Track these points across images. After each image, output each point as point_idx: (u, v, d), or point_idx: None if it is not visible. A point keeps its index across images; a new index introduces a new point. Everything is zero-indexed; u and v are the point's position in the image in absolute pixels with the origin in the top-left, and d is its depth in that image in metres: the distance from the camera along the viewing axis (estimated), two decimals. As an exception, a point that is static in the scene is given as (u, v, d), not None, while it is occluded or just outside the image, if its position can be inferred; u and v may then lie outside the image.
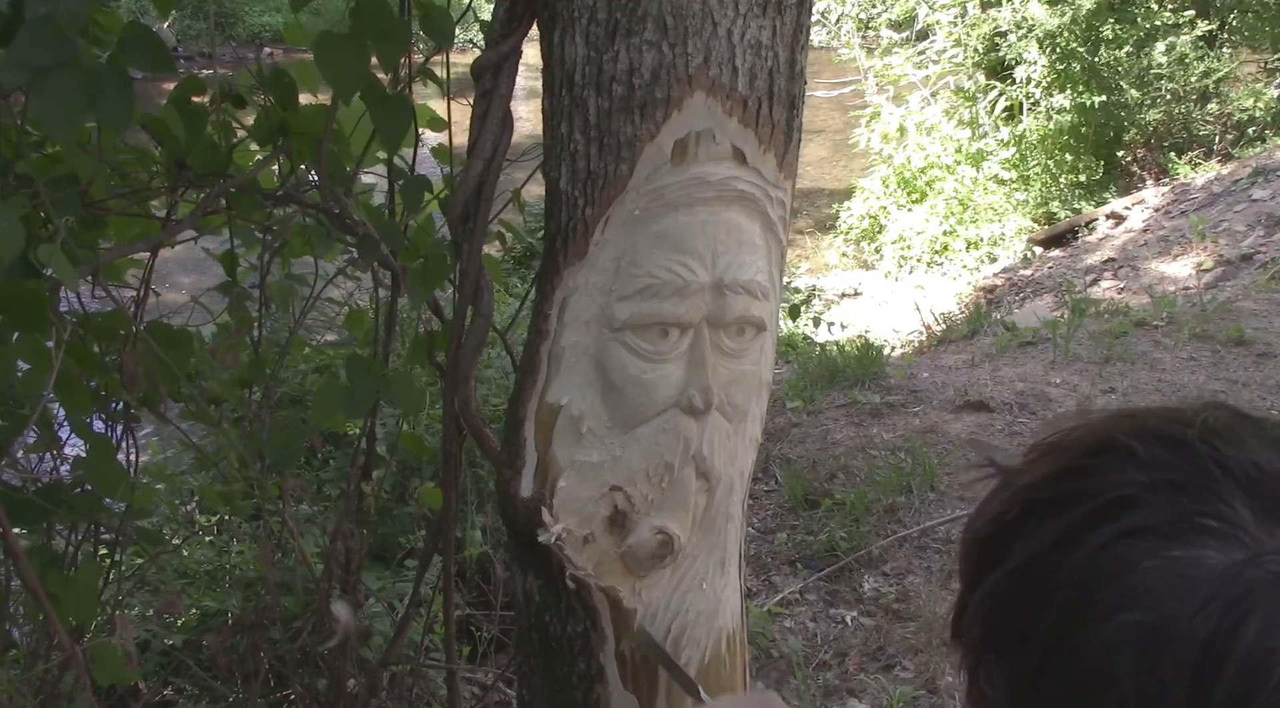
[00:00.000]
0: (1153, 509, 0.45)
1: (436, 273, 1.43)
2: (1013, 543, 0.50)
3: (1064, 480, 0.50)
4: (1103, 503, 0.46)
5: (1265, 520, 0.43)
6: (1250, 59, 9.71)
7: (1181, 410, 0.50)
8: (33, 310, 1.25)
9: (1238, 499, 0.44)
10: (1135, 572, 0.44)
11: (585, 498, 1.14)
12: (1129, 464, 0.47)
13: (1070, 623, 0.46)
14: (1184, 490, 0.45)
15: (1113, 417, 0.52)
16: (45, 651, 1.64)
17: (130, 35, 1.13)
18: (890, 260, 8.69)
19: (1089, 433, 0.51)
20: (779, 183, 1.11)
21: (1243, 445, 0.46)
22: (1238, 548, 0.42)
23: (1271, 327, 4.79)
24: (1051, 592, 0.47)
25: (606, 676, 1.21)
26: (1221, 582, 0.42)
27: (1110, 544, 0.45)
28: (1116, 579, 0.44)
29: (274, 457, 1.57)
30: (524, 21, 1.19)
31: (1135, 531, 0.45)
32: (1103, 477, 0.47)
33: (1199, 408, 0.50)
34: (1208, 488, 0.44)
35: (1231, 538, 0.43)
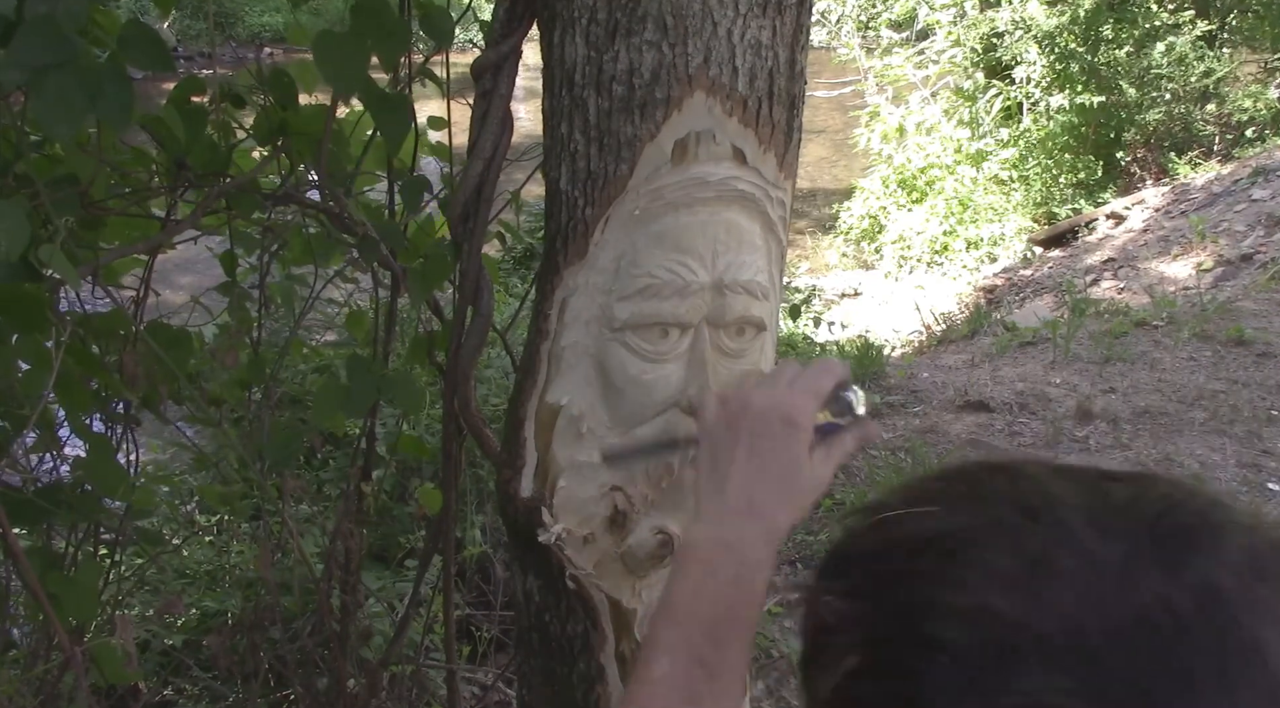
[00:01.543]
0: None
1: (436, 273, 1.43)
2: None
3: (893, 686, 0.43)
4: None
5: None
6: (1250, 59, 9.71)
7: (1001, 531, 0.44)
8: (33, 311, 1.25)
9: (1081, 707, 0.38)
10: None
11: (585, 498, 1.14)
12: (957, 674, 0.40)
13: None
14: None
15: (935, 552, 0.45)
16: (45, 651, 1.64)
17: (130, 34, 1.13)
18: (890, 260, 8.70)
19: (903, 592, 0.45)
20: (779, 183, 1.11)
21: (1069, 624, 0.39)
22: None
23: (1271, 327, 4.79)
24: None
25: (606, 676, 1.21)
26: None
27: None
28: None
29: (274, 457, 1.57)
30: (524, 21, 1.19)
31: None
32: (935, 696, 0.41)
33: (1027, 529, 0.43)
34: (1044, 705, 0.38)
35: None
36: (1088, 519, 0.42)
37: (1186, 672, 0.37)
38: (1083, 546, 0.41)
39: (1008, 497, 0.45)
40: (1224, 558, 0.40)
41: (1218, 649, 0.37)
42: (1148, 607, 0.38)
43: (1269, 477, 3.57)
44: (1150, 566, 0.39)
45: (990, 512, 0.45)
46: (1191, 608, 0.38)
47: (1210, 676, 0.37)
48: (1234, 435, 3.85)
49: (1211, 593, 0.38)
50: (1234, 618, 0.38)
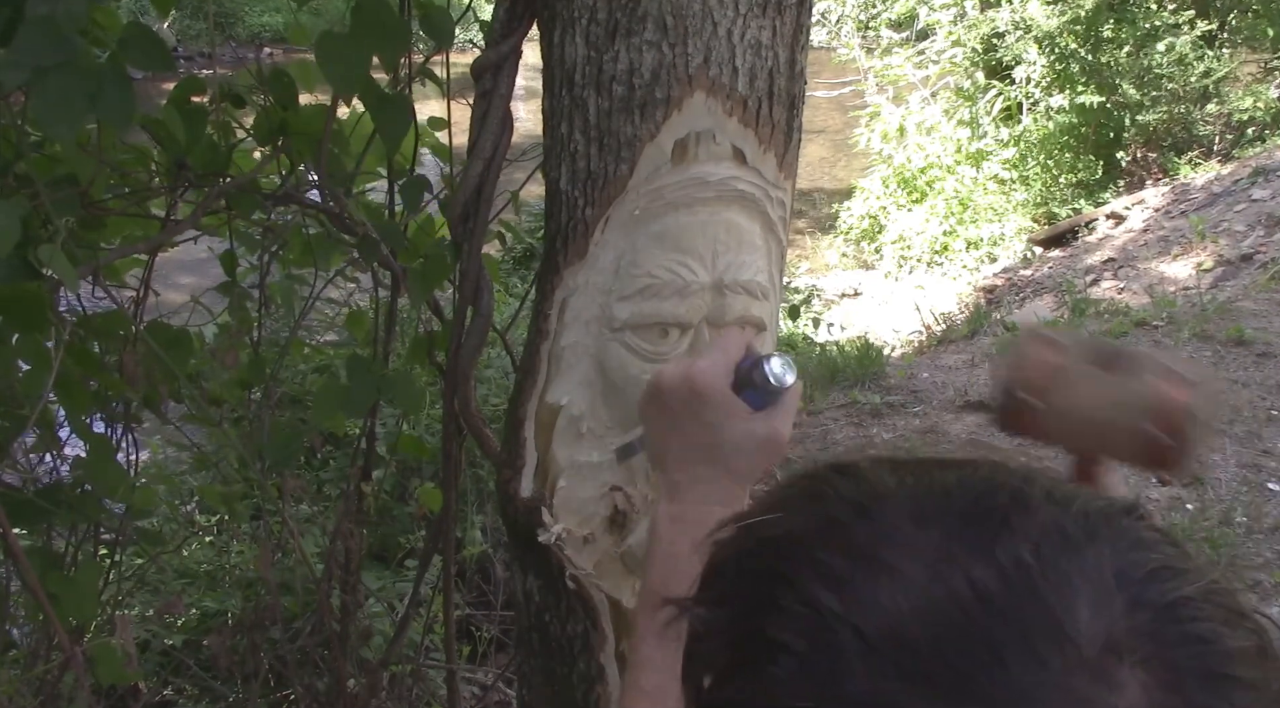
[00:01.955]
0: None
1: (436, 273, 1.43)
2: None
3: (741, 678, 0.45)
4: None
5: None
6: (1250, 59, 9.71)
7: (834, 527, 0.45)
8: (33, 311, 1.25)
9: (908, 699, 0.39)
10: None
11: (585, 498, 1.14)
12: (796, 672, 0.42)
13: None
14: (850, 703, 0.40)
15: (772, 551, 0.47)
16: (45, 651, 1.64)
17: (130, 35, 1.13)
18: (890, 260, 8.69)
19: (751, 599, 0.46)
20: (779, 183, 1.11)
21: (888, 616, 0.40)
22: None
23: (1271, 327, 4.79)
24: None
25: (606, 676, 1.21)
26: None
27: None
28: None
29: (274, 457, 1.57)
30: (524, 21, 1.19)
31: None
32: (774, 692, 0.42)
33: (855, 525, 0.44)
34: (874, 695, 0.40)
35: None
36: (910, 511, 0.43)
37: (997, 648, 0.38)
38: (903, 538, 0.42)
39: (843, 495, 0.46)
40: (1031, 535, 0.41)
41: (1023, 623, 0.39)
42: (958, 591, 0.39)
43: (1269, 477, 3.57)
44: (962, 550, 0.41)
45: (825, 511, 0.46)
46: (999, 587, 0.39)
47: (1018, 649, 0.38)
48: (1234, 435, 3.85)
49: (1019, 569, 0.40)
50: (1038, 591, 0.39)
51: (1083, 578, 0.40)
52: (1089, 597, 0.39)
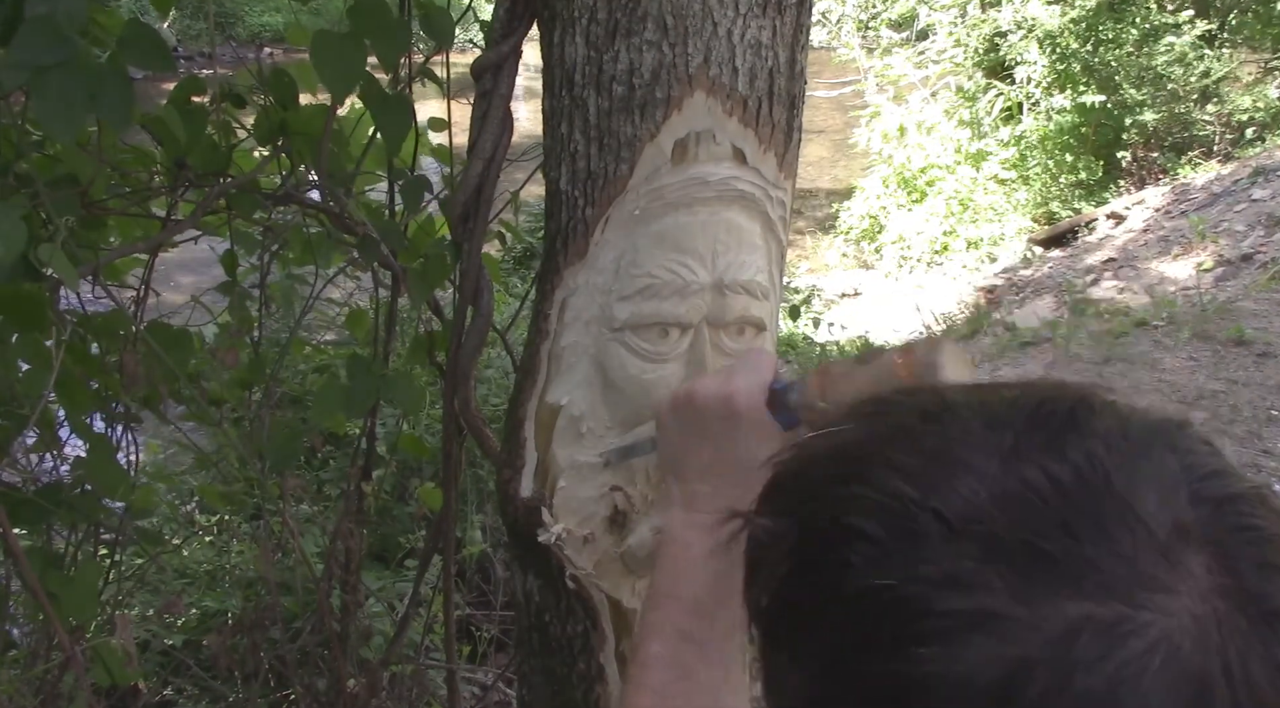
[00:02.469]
0: (914, 611, 0.43)
1: (436, 273, 1.43)
2: (793, 644, 0.49)
3: (811, 574, 0.48)
4: (867, 613, 0.44)
5: (1022, 596, 0.41)
6: (1250, 59, 9.71)
7: (901, 436, 0.48)
8: (33, 311, 1.25)
9: (989, 575, 0.42)
10: (921, 689, 0.42)
11: (585, 498, 1.14)
12: (871, 553, 0.44)
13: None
14: (936, 581, 0.42)
15: (839, 459, 0.50)
16: (45, 651, 1.64)
17: (130, 34, 1.13)
18: (890, 260, 8.69)
19: (821, 495, 0.49)
20: (779, 183, 1.11)
21: (966, 502, 0.43)
22: (1009, 641, 0.41)
23: (1271, 327, 4.79)
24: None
25: (606, 676, 1.21)
26: (1004, 696, 0.40)
27: (890, 661, 0.43)
28: (908, 699, 0.42)
29: (274, 457, 1.57)
30: (524, 21, 1.19)
31: (908, 642, 0.42)
32: (855, 576, 0.45)
33: (924, 429, 0.48)
34: (957, 573, 0.42)
35: (1000, 629, 0.41)
36: (979, 416, 0.47)
37: (1069, 526, 0.42)
38: (975, 437, 0.46)
39: (908, 407, 0.51)
40: (1099, 436, 0.45)
41: (1095, 505, 0.42)
42: (1034, 481, 0.43)
43: (1269, 477, 3.57)
44: (1034, 448, 0.45)
45: (894, 421, 0.50)
46: (1071, 476, 0.43)
47: (1090, 527, 0.42)
48: (1234, 435, 3.85)
49: (1088, 462, 0.44)
50: (1108, 479, 0.43)
51: (1149, 473, 0.43)
52: (1156, 489, 0.43)
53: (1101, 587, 0.41)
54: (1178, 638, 0.40)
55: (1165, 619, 0.40)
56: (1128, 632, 0.40)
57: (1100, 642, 0.40)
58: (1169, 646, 0.40)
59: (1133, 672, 0.39)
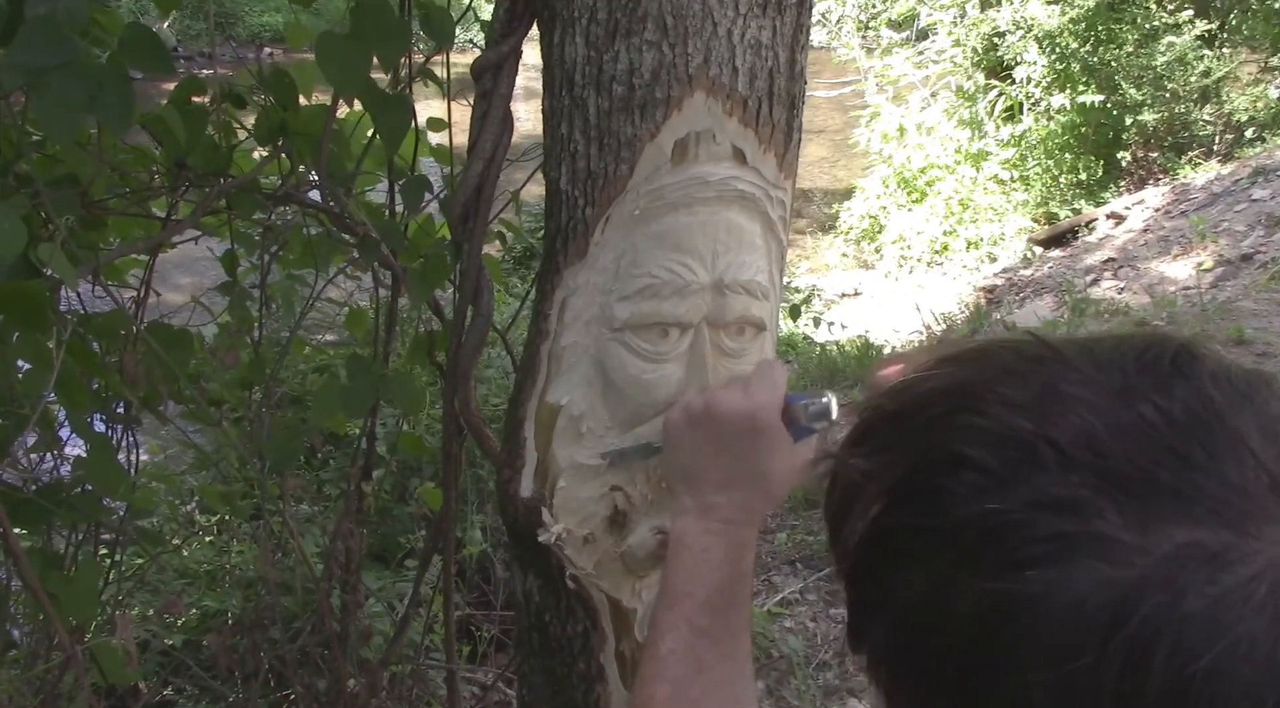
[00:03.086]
0: (1024, 535, 0.44)
1: (436, 273, 1.43)
2: (891, 575, 0.50)
3: (915, 504, 0.49)
4: (973, 537, 0.45)
5: (1135, 522, 0.42)
6: (1250, 59, 9.71)
7: (1009, 375, 0.49)
8: (33, 310, 1.25)
9: (1103, 502, 0.43)
10: (1028, 611, 0.43)
11: (585, 498, 1.14)
12: (981, 481, 0.45)
13: (977, 669, 0.45)
14: (1047, 506, 0.44)
15: (945, 395, 0.51)
16: (45, 651, 1.64)
17: (130, 35, 1.13)
18: (890, 260, 8.69)
19: (927, 429, 0.50)
20: (779, 183, 1.11)
21: (1082, 432, 0.45)
22: (1120, 564, 0.42)
23: (1271, 327, 4.79)
24: (950, 635, 0.46)
25: (606, 675, 1.21)
26: (1114, 617, 0.41)
27: (994, 583, 0.44)
28: (1012, 621, 0.43)
29: (274, 457, 1.57)
30: (524, 21, 1.19)
31: (1015, 565, 0.43)
32: (963, 503, 0.45)
33: (1033, 369, 0.49)
34: (1070, 499, 0.43)
35: (1111, 553, 0.42)
36: (1086, 358, 0.49)
37: (1183, 456, 0.43)
38: (1084, 375, 0.47)
39: (1011, 351, 0.51)
40: (1205, 378, 0.47)
41: (1207, 437, 0.44)
42: (1146, 415, 0.45)
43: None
44: (1144, 386, 0.46)
45: (996, 364, 0.51)
46: (1183, 411, 0.45)
47: (1202, 456, 0.43)
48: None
49: (1199, 400, 0.45)
50: (1219, 415, 0.45)
51: (1256, 412, 0.45)
52: (1263, 427, 0.45)
53: (1212, 514, 0.42)
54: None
55: (1272, 549, 0.41)
56: (1235, 559, 0.41)
57: (1208, 567, 0.40)
58: (1274, 575, 0.40)
59: (1237, 598, 0.40)
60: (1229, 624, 0.40)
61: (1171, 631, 0.40)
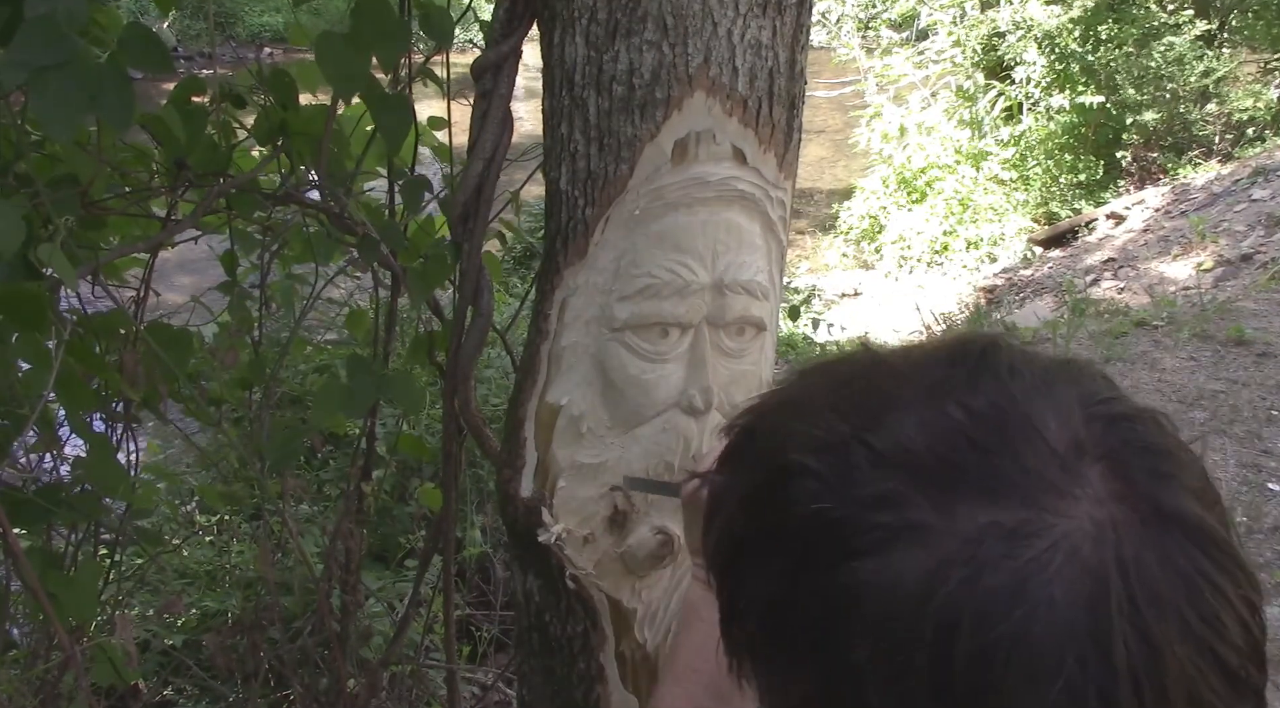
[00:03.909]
0: (851, 529, 0.47)
1: (436, 273, 1.43)
2: (744, 578, 0.54)
3: (759, 511, 0.53)
4: (808, 537, 0.49)
5: (942, 509, 0.46)
6: (1250, 59, 9.71)
7: (837, 385, 0.54)
8: (33, 310, 1.25)
9: (914, 494, 0.47)
10: (858, 595, 0.46)
11: (585, 498, 1.14)
12: (812, 485, 0.49)
13: (821, 650, 0.48)
14: (868, 502, 0.47)
15: (783, 409, 0.56)
16: (45, 651, 1.64)
17: (130, 35, 1.13)
18: (890, 260, 8.69)
19: (767, 442, 0.55)
20: (779, 183, 1.11)
21: (893, 432, 0.49)
22: (930, 547, 0.46)
23: (1271, 327, 4.79)
24: (795, 628, 0.50)
25: (606, 676, 1.21)
26: (923, 594, 0.45)
27: (829, 574, 0.48)
28: (846, 605, 0.47)
29: (274, 457, 1.57)
30: (524, 21, 1.19)
31: (845, 557, 0.47)
32: (798, 506, 0.50)
33: (859, 377, 0.54)
34: (886, 493, 0.47)
35: (923, 539, 0.46)
36: (905, 363, 0.54)
37: (980, 445, 0.47)
38: (901, 380, 0.52)
39: (845, 362, 0.57)
40: (1005, 372, 0.51)
41: (1002, 426, 0.48)
42: (951, 413, 0.49)
43: (1269, 477, 3.57)
44: (951, 384, 0.50)
45: (829, 375, 0.56)
46: (985, 407, 0.49)
47: (998, 445, 0.47)
48: (1234, 435, 3.85)
49: (1000, 394, 0.49)
50: (1017, 408, 0.49)
51: (1050, 400, 0.49)
52: (1055, 412, 0.49)
53: (1008, 496, 0.46)
54: (1077, 539, 0.45)
55: (1065, 522, 0.45)
56: (1030, 533, 0.45)
57: (1006, 543, 0.45)
58: (1069, 545, 0.44)
59: (1035, 568, 0.44)
60: (1028, 592, 0.44)
61: (975, 603, 0.44)
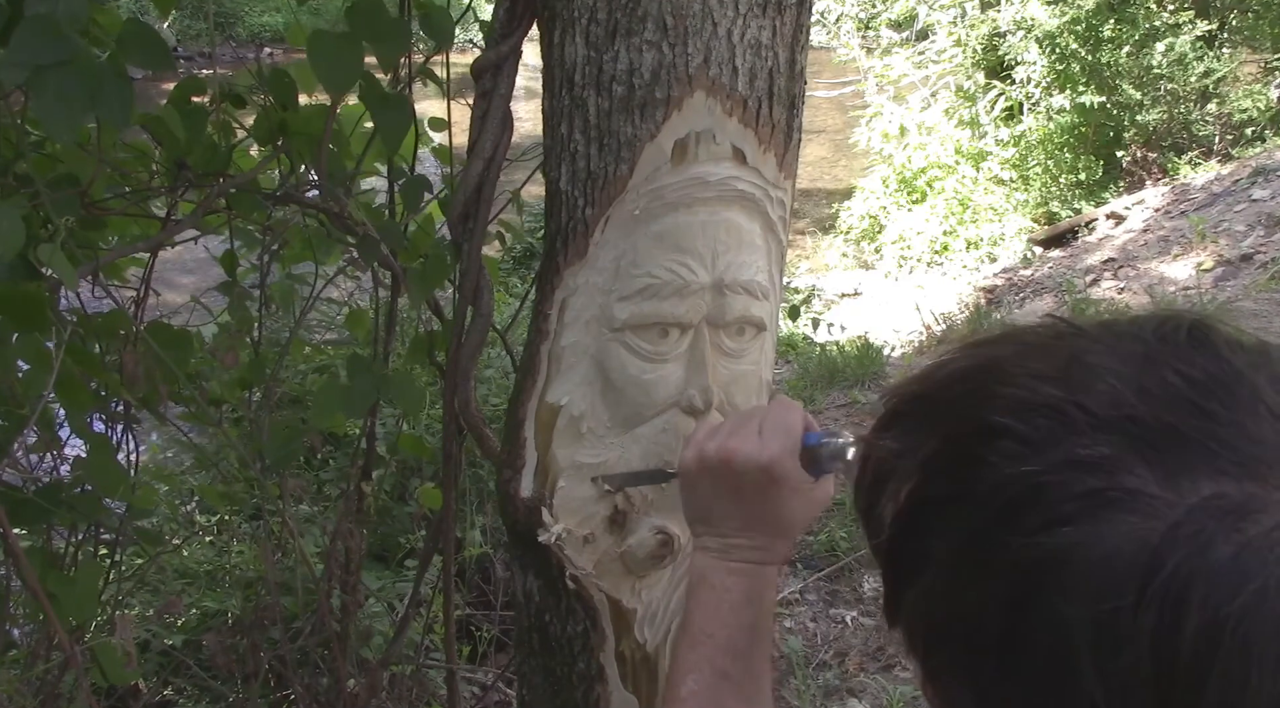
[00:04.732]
0: (1059, 493, 0.46)
1: (436, 273, 1.43)
2: (928, 541, 0.51)
3: (957, 474, 0.51)
4: (1009, 499, 0.47)
5: (1164, 477, 0.45)
6: (1250, 59, 9.70)
7: (1034, 351, 0.52)
8: (33, 311, 1.25)
9: (1132, 459, 0.45)
10: (1066, 565, 0.45)
11: (585, 498, 1.14)
12: (1015, 448, 0.47)
13: (1018, 624, 0.46)
14: (1080, 466, 0.46)
15: (975, 374, 0.53)
16: (45, 651, 1.64)
17: (130, 33, 1.13)
18: (890, 260, 8.69)
19: (959, 404, 0.52)
20: (779, 183, 1.11)
21: (1109, 396, 0.47)
22: (1151, 516, 0.44)
23: (1271, 327, 4.79)
24: (988, 593, 0.48)
25: (606, 676, 1.21)
26: (1149, 565, 0.43)
27: (1032, 540, 0.46)
28: (1051, 575, 0.45)
29: (274, 457, 1.57)
30: (524, 21, 1.19)
31: (1051, 522, 0.45)
32: (998, 469, 0.48)
33: (1057, 344, 0.52)
34: (1101, 458, 0.46)
35: (1142, 506, 0.44)
36: (1106, 333, 0.51)
37: (1206, 412, 0.46)
38: (1106, 348, 0.50)
39: (1032, 331, 0.54)
40: (1221, 344, 0.49)
41: (1227, 396, 0.46)
42: (1169, 379, 0.47)
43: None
44: (1165, 354, 0.49)
45: (1019, 342, 0.54)
46: (1204, 376, 0.47)
47: (1224, 413, 0.46)
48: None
49: (1217, 363, 0.48)
50: (1238, 375, 0.47)
51: (1268, 374, 0.48)
52: (1274, 386, 0.47)
53: (1235, 466, 0.44)
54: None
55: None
56: (1258, 508, 0.43)
57: (1232, 516, 0.43)
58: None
59: (1263, 544, 0.42)
60: (1255, 571, 0.42)
61: (1202, 577, 0.42)
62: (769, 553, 0.87)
